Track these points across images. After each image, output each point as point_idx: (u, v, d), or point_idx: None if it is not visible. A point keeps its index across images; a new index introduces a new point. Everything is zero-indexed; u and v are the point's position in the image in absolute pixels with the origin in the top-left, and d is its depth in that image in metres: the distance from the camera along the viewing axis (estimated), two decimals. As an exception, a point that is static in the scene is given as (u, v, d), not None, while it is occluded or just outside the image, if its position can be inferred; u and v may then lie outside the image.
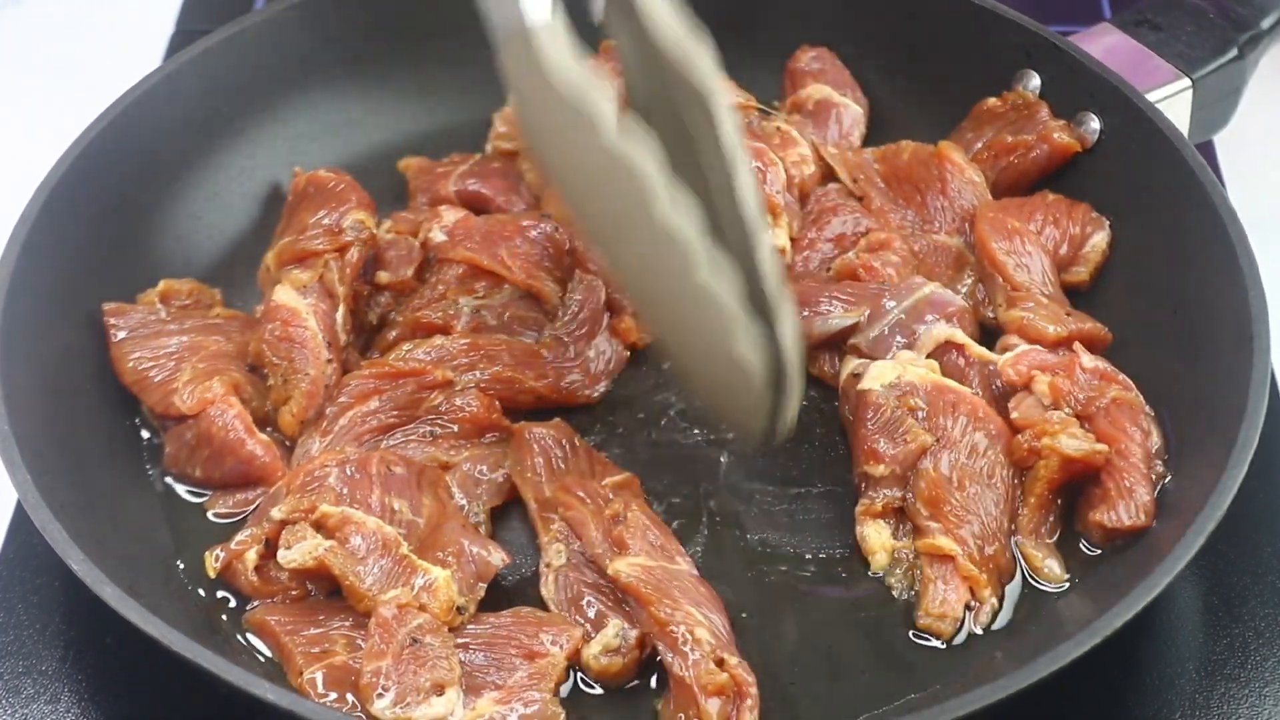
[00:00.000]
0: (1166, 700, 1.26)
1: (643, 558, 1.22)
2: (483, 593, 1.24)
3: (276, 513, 1.25)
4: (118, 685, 1.27)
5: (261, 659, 1.23)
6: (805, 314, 1.40)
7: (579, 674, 1.22)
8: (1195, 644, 1.29)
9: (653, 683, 1.22)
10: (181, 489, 1.37)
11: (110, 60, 1.82)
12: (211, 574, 1.26)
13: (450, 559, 1.23)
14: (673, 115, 1.24)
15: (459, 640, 1.20)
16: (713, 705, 1.16)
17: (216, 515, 1.34)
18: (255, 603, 1.26)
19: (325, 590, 1.26)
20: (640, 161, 1.14)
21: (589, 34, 1.21)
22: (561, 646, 1.20)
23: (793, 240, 1.51)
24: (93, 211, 1.44)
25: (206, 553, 1.27)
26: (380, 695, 1.13)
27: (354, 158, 1.61)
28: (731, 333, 1.17)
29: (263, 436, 1.35)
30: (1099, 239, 1.47)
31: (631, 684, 1.22)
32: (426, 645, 1.16)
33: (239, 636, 1.25)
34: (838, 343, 1.42)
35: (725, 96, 1.21)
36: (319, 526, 1.24)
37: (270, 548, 1.25)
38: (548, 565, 1.26)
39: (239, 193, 1.59)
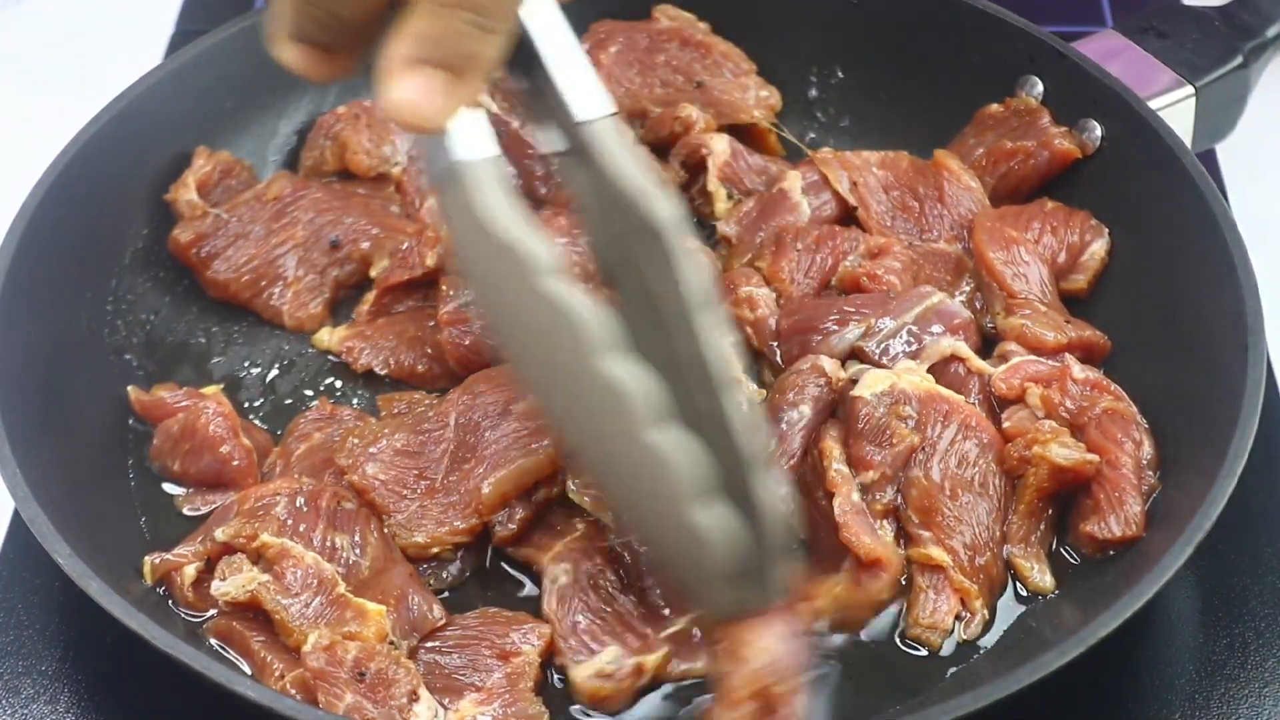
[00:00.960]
0: (1166, 700, 1.25)
1: None
2: (415, 641, 1.22)
3: (219, 534, 1.24)
4: (117, 685, 1.27)
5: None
6: (818, 337, 1.40)
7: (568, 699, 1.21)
8: (1195, 644, 1.29)
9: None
10: (170, 488, 1.37)
11: (110, 60, 1.83)
12: (149, 580, 1.25)
13: (390, 603, 1.21)
14: (634, 266, 1.16)
15: (429, 644, 1.20)
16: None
17: (190, 511, 1.34)
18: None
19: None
20: (577, 306, 1.06)
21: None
22: (533, 644, 1.20)
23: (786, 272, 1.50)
24: (90, 209, 1.45)
25: (146, 557, 1.26)
26: None
27: (353, 158, 1.61)
28: (686, 499, 1.08)
29: (245, 441, 1.35)
30: (1098, 247, 1.46)
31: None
32: (375, 671, 1.15)
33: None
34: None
35: (686, 242, 1.13)
36: (258, 556, 1.23)
37: (210, 566, 1.24)
38: (552, 581, 1.24)
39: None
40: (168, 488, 1.36)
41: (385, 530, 1.28)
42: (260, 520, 1.24)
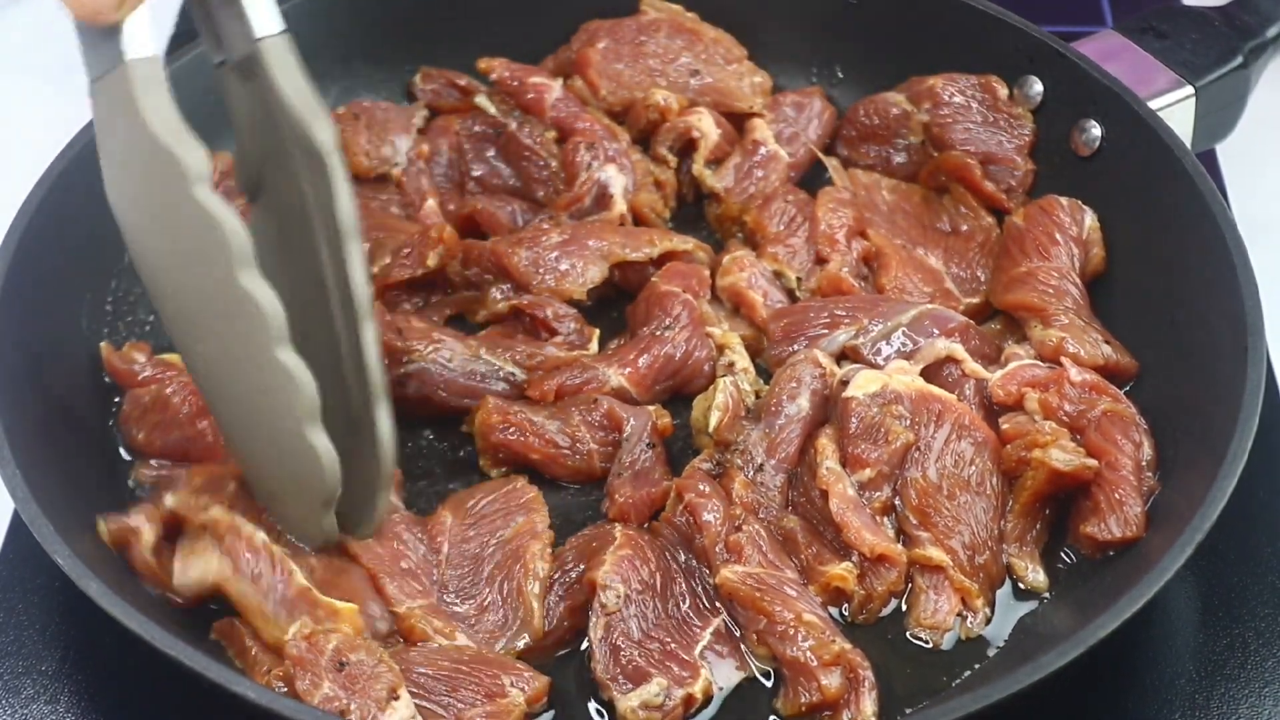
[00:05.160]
0: (1166, 700, 1.26)
1: (748, 567, 1.22)
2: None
3: (169, 500, 1.24)
4: (117, 685, 1.27)
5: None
6: (806, 341, 1.41)
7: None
8: (1195, 644, 1.29)
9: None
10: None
11: (111, 60, 1.83)
12: (107, 540, 1.24)
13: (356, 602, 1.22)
14: (290, 188, 1.18)
15: (420, 670, 1.18)
16: (832, 679, 1.16)
17: (144, 479, 1.34)
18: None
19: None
20: (227, 218, 1.08)
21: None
22: (523, 691, 1.18)
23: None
24: (90, 209, 1.43)
25: (99, 519, 1.25)
26: (345, 715, 1.12)
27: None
28: (307, 419, 1.12)
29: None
30: (1089, 221, 1.46)
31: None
32: (355, 663, 1.14)
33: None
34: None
35: (342, 165, 1.15)
36: (207, 529, 1.22)
37: (167, 535, 1.24)
38: (602, 605, 1.22)
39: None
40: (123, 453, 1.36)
41: None
42: (212, 494, 1.24)
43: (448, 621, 1.24)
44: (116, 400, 1.40)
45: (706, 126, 1.59)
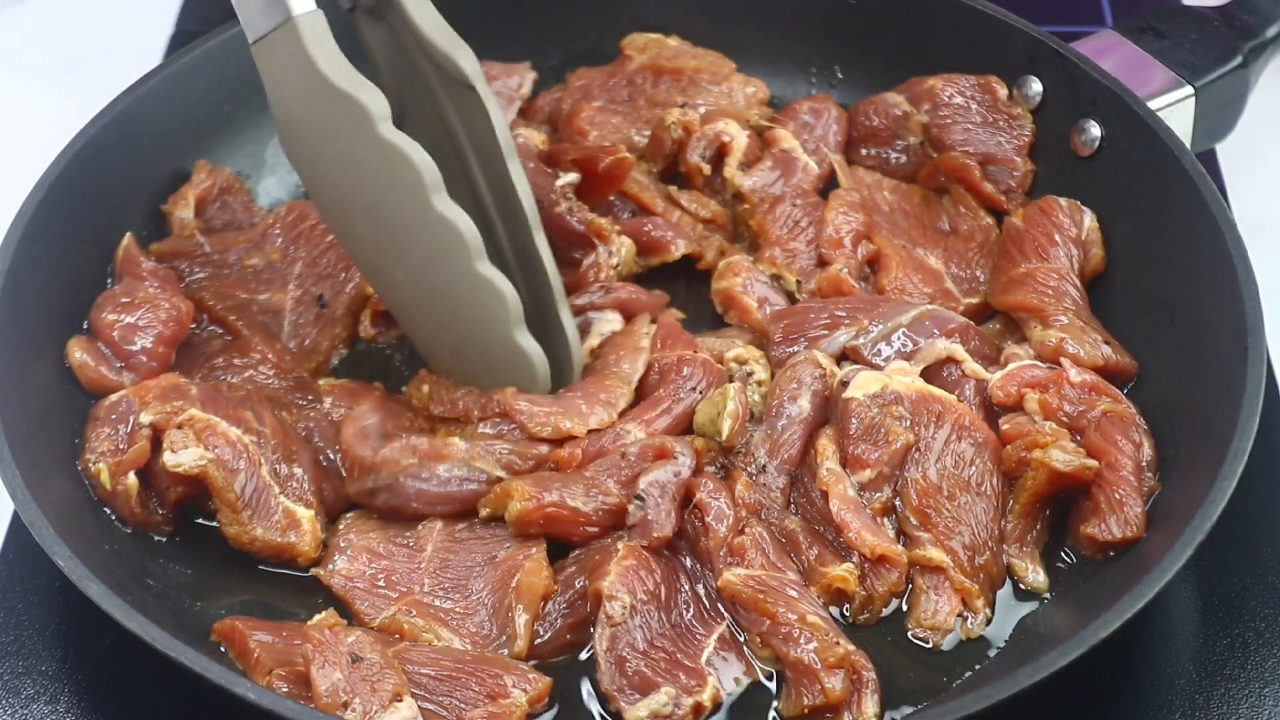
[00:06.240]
0: (1166, 700, 1.26)
1: (750, 569, 1.23)
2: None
3: (145, 417, 1.28)
4: (117, 686, 1.28)
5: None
6: (806, 342, 1.41)
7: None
8: (1195, 645, 1.29)
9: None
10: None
11: (110, 60, 1.83)
12: (108, 484, 1.27)
13: (310, 495, 1.29)
14: (431, 116, 1.25)
15: (424, 670, 1.19)
16: (836, 681, 1.16)
17: (77, 356, 1.36)
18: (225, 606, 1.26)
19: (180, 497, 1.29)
20: (415, 152, 1.16)
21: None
22: (525, 691, 1.18)
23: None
24: (89, 210, 1.45)
25: (100, 465, 1.28)
26: (346, 707, 1.12)
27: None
28: (512, 320, 1.23)
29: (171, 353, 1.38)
30: (1089, 221, 1.46)
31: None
32: (368, 661, 1.15)
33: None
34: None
35: (490, 91, 1.23)
36: (185, 428, 1.27)
37: (147, 480, 1.28)
38: (608, 617, 1.21)
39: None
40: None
41: (277, 415, 1.34)
42: (182, 399, 1.29)
43: (433, 616, 1.25)
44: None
45: (735, 131, 1.58)
